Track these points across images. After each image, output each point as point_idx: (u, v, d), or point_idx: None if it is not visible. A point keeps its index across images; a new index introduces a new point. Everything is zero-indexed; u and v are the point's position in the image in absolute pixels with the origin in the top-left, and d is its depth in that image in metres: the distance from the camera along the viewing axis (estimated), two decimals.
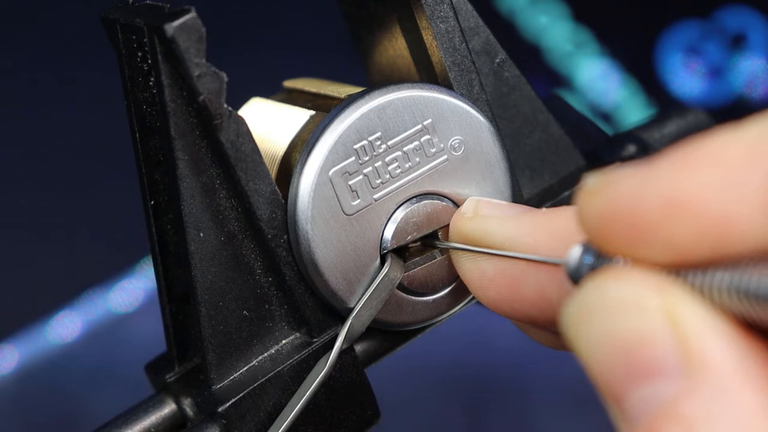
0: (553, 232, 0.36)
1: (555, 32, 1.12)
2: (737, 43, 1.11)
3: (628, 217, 0.29)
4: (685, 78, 1.12)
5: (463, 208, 0.41)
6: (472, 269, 0.39)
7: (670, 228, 0.29)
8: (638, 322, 0.29)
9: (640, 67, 1.12)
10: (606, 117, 1.11)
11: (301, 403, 0.39)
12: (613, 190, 0.30)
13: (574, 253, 0.32)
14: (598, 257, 0.31)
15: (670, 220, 0.28)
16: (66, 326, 0.99)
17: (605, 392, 0.30)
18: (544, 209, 0.38)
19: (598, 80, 1.12)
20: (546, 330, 0.39)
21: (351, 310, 0.41)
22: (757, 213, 0.28)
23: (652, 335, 0.29)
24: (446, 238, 0.41)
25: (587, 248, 0.32)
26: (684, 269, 0.29)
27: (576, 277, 0.32)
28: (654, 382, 0.29)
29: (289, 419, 0.39)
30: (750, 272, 0.28)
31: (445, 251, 0.41)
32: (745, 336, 0.29)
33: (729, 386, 0.28)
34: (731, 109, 1.11)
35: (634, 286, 0.29)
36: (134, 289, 1.00)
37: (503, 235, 0.38)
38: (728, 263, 0.29)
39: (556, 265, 0.35)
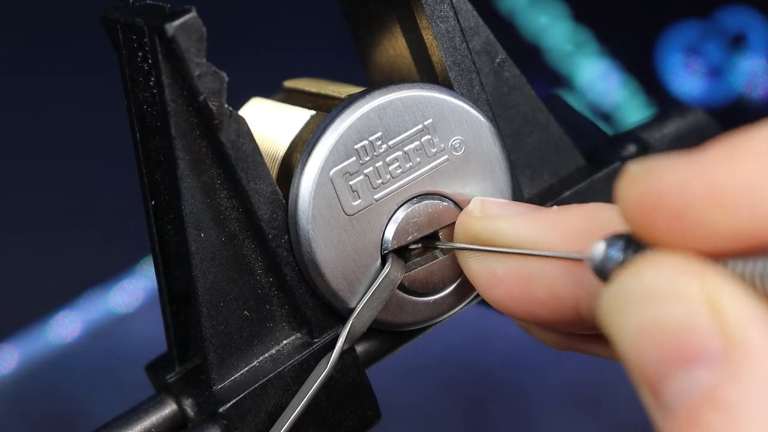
0: (565, 230, 0.36)
1: (555, 32, 1.12)
2: (737, 43, 1.11)
3: (673, 205, 0.29)
4: (685, 78, 1.12)
5: (470, 207, 0.40)
6: (480, 269, 0.38)
7: (715, 216, 0.29)
8: (678, 309, 0.29)
9: (640, 67, 1.12)
10: (606, 117, 1.11)
11: (302, 403, 0.39)
12: (658, 178, 0.30)
13: (600, 247, 0.32)
14: (625, 250, 0.31)
15: (716, 208, 0.29)
16: (66, 326, 0.99)
17: (642, 381, 0.30)
18: (553, 207, 0.38)
19: (598, 80, 1.12)
20: (552, 330, 0.39)
21: (352, 310, 0.41)
22: None
23: (693, 322, 0.29)
24: (447, 238, 0.41)
25: (612, 242, 0.32)
26: (725, 257, 0.29)
27: (602, 271, 0.32)
28: (694, 369, 0.29)
29: (290, 420, 0.39)
30: None
31: (446, 251, 0.41)
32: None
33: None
34: (731, 109, 1.11)
35: (673, 273, 0.29)
36: (134, 289, 1.00)
37: (515, 234, 0.37)
38: None
39: (577, 261, 0.35)
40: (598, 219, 0.36)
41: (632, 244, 0.32)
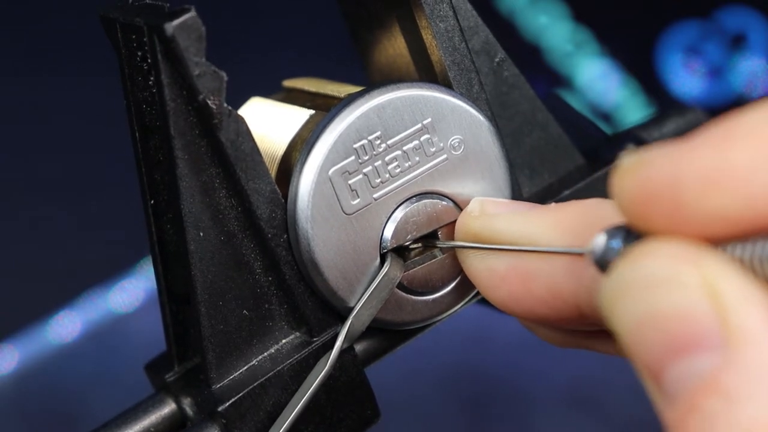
0: (563, 225, 0.36)
1: (555, 32, 1.12)
2: (737, 43, 1.11)
3: (667, 193, 0.29)
4: (685, 78, 1.12)
5: (469, 207, 0.40)
6: (481, 268, 0.38)
7: (711, 201, 0.29)
8: (677, 297, 0.29)
9: (640, 67, 1.12)
10: (606, 117, 1.11)
11: (301, 402, 0.39)
12: (652, 167, 0.30)
13: (601, 239, 0.32)
14: (626, 241, 0.32)
15: (712, 193, 0.29)
16: (66, 326, 0.99)
17: (644, 370, 0.30)
18: (551, 204, 0.38)
19: (598, 80, 1.12)
20: (554, 328, 0.39)
21: (351, 309, 0.41)
22: None
23: (692, 309, 0.29)
24: (446, 237, 0.41)
25: (612, 234, 0.32)
26: (723, 242, 0.29)
27: (604, 263, 0.32)
28: (694, 356, 0.29)
29: (290, 419, 0.39)
30: None
31: (445, 250, 0.41)
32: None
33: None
34: (731, 109, 1.11)
35: (671, 261, 0.30)
36: (134, 289, 1.00)
37: (513, 231, 0.37)
38: None
39: (577, 255, 0.35)
40: (596, 214, 0.36)
41: (632, 234, 0.32)
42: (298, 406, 0.39)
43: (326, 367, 0.40)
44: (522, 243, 0.37)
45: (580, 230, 0.35)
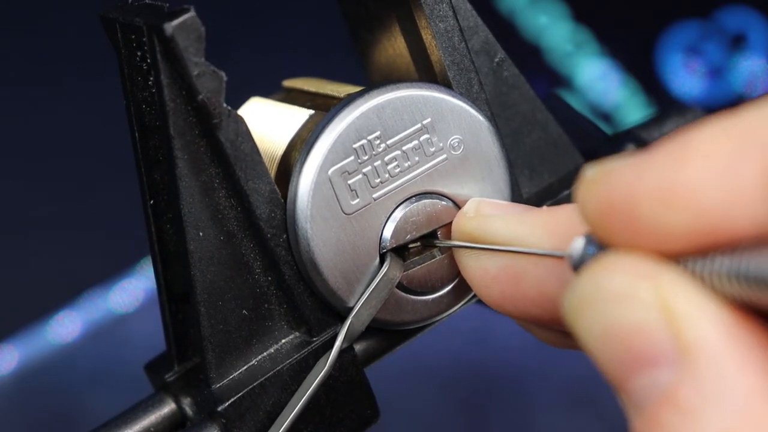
0: (553, 228, 0.37)
1: (555, 32, 1.12)
2: (737, 43, 1.11)
3: (625, 207, 0.30)
4: (685, 78, 1.12)
5: (465, 208, 0.41)
6: (474, 268, 0.39)
7: (665, 217, 0.29)
8: (632, 313, 0.30)
9: (640, 67, 1.12)
10: (606, 117, 1.11)
11: (301, 402, 0.39)
12: (610, 181, 0.30)
13: (577, 244, 0.32)
14: (600, 248, 0.32)
15: (665, 209, 0.29)
16: (66, 326, 0.99)
17: (610, 380, 0.30)
18: (544, 207, 0.38)
19: (598, 80, 1.12)
20: (550, 329, 0.39)
21: (350, 309, 0.41)
22: (755, 200, 0.28)
23: (647, 325, 0.29)
24: (445, 237, 0.41)
25: (590, 239, 0.32)
26: (684, 257, 0.30)
27: (581, 267, 0.32)
28: (652, 371, 0.29)
29: (289, 419, 0.39)
30: (749, 256, 0.28)
31: (444, 250, 0.41)
32: (745, 321, 0.29)
33: (726, 372, 0.28)
34: (731, 110, 1.11)
35: (626, 276, 0.30)
36: (134, 289, 1.00)
37: (506, 232, 0.38)
38: (727, 249, 0.29)
39: (559, 258, 0.35)
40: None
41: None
42: (298, 406, 0.39)
43: (326, 367, 0.40)
44: (514, 244, 0.37)
45: (570, 233, 0.36)
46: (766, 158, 0.28)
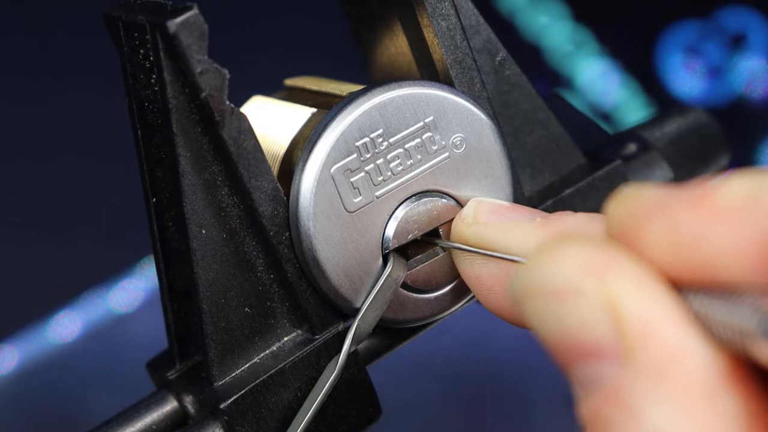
0: (544, 237, 0.37)
1: (555, 32, 1.12)
2: (737, 43, 1.11)
3: (631, 234, 0.30)
4: (685, 78, 1.12)
5: (464, 212, 0.41)
6: (471, 275, 0.39)
7: (666, 256, 0.30)
8: (576, 307, 0.30)
9: (640, 67, 1.12)
10: (606, 117, 1.12)
11: (312, 408, 0.39)
12: (631, 206, 0.31)
13: None
14: None
15: (668, 249, 0.30)
16: (66, 326, 0.99)
17: (558, 362, 0.31)
18: (538, 219, 0.38)
19: (598, 80, 1.12)
20: None
21: (354, 308, 0.41)
22: (749, 265, 0.28)
23: (590, 320, 0.30)
24: (447, 235, 0.41)
25: None
26: (683, 284, 0.30)
27: None
28: (596, 363, 0.30)
29: (301, 426, 0.39)
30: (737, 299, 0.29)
31: (446, 248, 0.41)
32: (693, 321, 0.30)
33: (668, 371, 0.29)
34: (731, 109, 1.11)
35: (573, 270, 0.30)
36: (134, 289, 1.00)
37: (501, 242, 0.38)
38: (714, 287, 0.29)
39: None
40: (584, 229, 0.36)
41: None
42: (309, 413, 0.39)
43: (336, 372, 0.40)
44: (509, 254, 0.38)
45: None
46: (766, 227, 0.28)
